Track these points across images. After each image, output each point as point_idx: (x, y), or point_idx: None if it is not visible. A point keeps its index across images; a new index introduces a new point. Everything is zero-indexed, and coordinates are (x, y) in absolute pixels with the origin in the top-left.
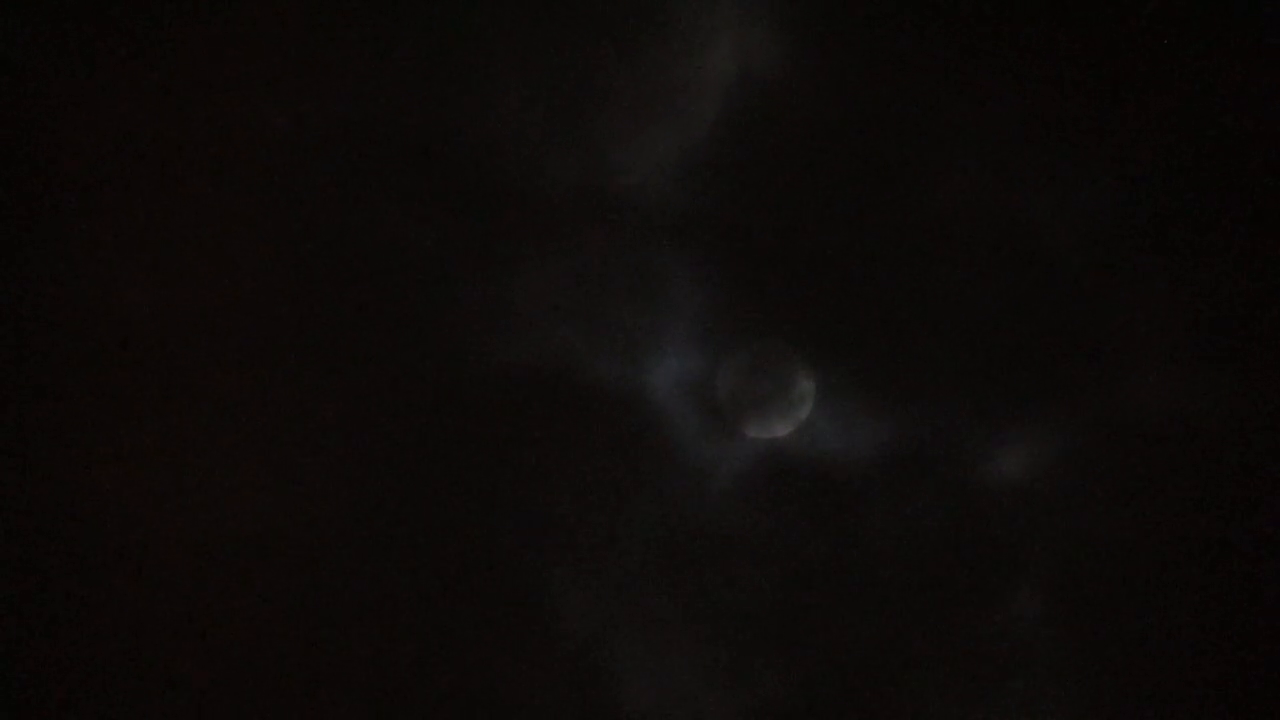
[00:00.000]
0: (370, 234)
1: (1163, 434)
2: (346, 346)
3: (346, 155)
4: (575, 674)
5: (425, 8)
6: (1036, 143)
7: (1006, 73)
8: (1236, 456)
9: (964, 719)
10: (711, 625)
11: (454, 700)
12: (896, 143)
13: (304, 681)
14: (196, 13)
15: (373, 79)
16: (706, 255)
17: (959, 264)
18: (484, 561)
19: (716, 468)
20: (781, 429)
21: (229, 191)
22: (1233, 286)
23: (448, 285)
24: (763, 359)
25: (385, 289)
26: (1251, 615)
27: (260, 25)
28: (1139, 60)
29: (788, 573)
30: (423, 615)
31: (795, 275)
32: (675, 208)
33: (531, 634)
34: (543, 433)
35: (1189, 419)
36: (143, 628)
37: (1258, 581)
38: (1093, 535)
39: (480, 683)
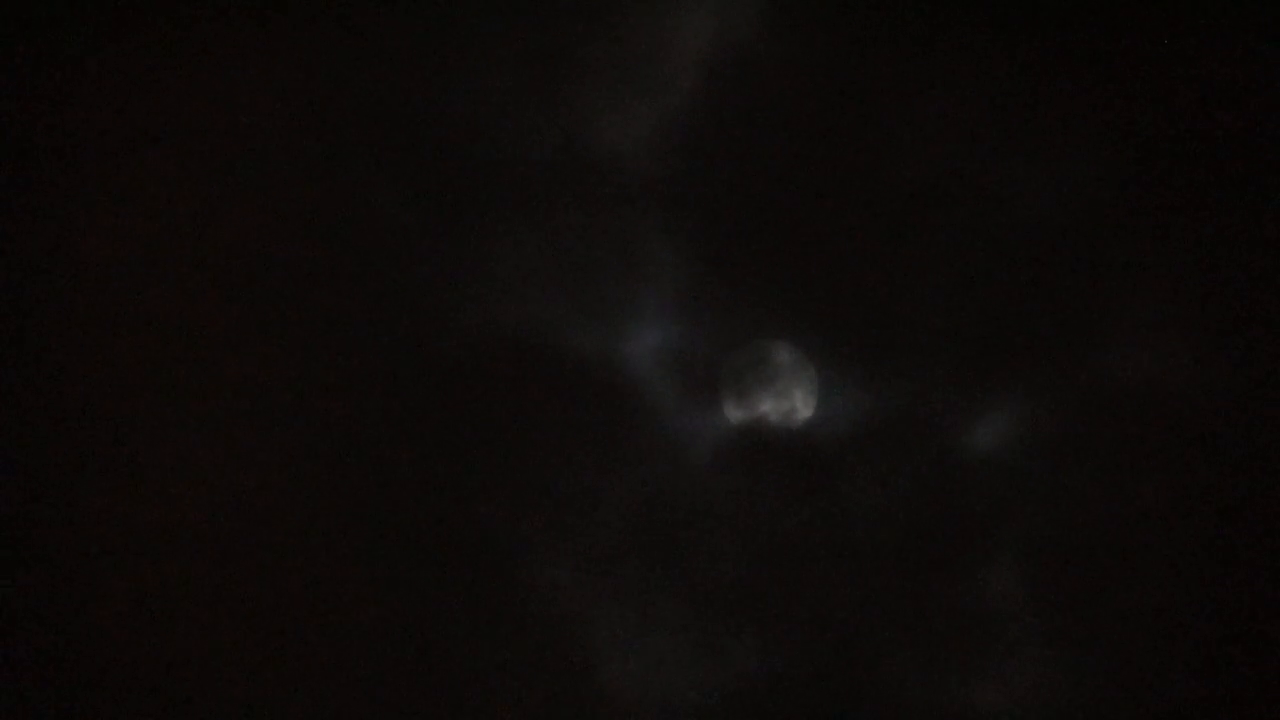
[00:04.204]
0: (341, 204)
1: (1143, 406)
2: (317, 317)
3: (317, 125)
4: (551, 650)
5: None
6: (1019, 114)
7: (991, 43)
8: (1217, 429)
9: (943, 689)
10: (690, 598)
11: (428, 677)
12: (878, 112)
13: (270, 662)
14: None
15: (345, 49)
16: (685, 224)
17: (940, 235)
18: (458, 535)
19: (695, 439)
20: (761, 401)
21: (197, 165)
22: (1216, 258)
23: (421, 254)
24: (742, 329)
25: (357, 259)
26: (1231, 585)
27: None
28: (1123, 33)
29: (767, 545)
30: (393, 591)
31: (775, 245)
32: (654, 176)
33: (506, 609)
34: (518, 404)
35: (1170, 391)
36: (109, 618)
37: (1238, 552)
38: (1072, 506)
39: (453, 659)
